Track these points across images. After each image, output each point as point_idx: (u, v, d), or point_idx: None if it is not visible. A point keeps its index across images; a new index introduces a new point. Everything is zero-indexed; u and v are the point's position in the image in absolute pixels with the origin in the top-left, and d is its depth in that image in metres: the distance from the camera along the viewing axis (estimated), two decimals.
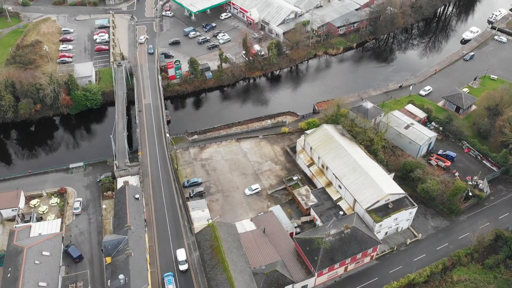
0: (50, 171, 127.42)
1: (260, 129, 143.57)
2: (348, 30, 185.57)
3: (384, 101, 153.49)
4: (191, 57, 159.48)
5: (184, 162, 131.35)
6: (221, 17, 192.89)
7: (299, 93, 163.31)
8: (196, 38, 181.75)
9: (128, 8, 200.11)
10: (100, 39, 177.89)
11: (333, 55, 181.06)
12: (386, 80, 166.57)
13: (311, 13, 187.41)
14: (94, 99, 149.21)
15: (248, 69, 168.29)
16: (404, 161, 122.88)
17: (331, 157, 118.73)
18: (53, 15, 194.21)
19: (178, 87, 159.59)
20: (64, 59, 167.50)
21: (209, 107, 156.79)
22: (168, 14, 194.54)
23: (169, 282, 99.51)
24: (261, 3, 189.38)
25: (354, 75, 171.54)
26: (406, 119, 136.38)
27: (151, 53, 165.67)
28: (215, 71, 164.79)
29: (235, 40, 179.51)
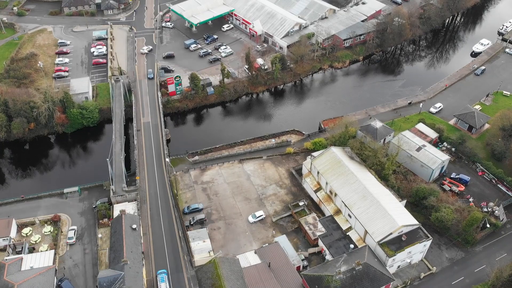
0: (43, 195, 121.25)
1: (264, 149, 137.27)
2: (354, 43, 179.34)
3: (393, 119, 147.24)
4: (192, 72, 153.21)
5: (184, 185, 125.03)
6: (223, 29, 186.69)
7: (304, 109, 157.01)
8: (197, 51, 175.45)
9: (127, 18, 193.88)
10: (98, 52, 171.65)
11: (338, 69, 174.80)
12: (394, 95, 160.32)
13: (316, 25, 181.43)
14: (91, 117, 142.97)
15: (251, 84, 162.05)
16: (416, 188, 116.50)
17: (340, 183, 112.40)
18: (49, 26, 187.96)
19: (178, 103, 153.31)
20: (60, 74, 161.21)
21: (211, 125, 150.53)
22: (168, 25, 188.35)
23: (162, 280, 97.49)
24: (264, 15, 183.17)
25: (361, 89, 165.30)
26: (418, 140, 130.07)
27: (151, 78, 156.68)
28: (217, 87, 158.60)
29: (237, 53, 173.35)
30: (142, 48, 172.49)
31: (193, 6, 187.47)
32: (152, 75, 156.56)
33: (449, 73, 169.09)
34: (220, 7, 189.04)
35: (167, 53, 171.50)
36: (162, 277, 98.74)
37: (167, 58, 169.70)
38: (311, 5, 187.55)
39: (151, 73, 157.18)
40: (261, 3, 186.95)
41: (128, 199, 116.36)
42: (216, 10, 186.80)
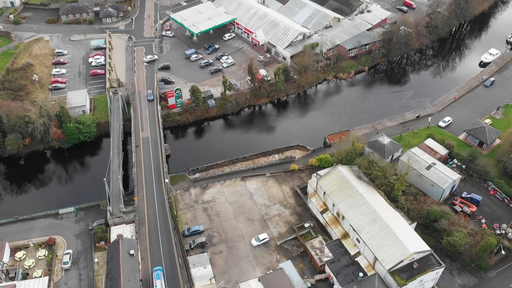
0: (38, 216, 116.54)
1: (267, 165, 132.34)
2: (360, 52, 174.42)
3: (401, 134, 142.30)
4: (193, 85, 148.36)
5: (185, 205, 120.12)
6: (225, 38, 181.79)
7: (308, 122, 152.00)
8: (198, 61, 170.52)
9: (126, 27, 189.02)
10: (96, 62, 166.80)
11: (343, 80, 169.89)
12: (402, 108, 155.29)
13: (320, 34, 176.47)
14: (88, 132, 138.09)
15: (253, 96, 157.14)
16: (427, 210, 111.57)
17: (347, 205, 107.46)
18: (46, 34, 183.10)
19: (178, 117, 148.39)
20: (56, 85, 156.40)
21: (212, 139, 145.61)
22: (169, 34, 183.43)
23: (157, 277, 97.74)
24: (266, 24, 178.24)
25: (367, 101, 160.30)
26: (427, 158, 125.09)
27: (150, 99, 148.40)
28: (219, 99, 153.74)
29: (239, 63, 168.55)
30: (146, 57, 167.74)
31: (194, 14, 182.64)
32: (152, 96, 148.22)
33: (458, 85, 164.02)
34: (222, 15, 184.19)
35: (162, 64, 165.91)
36: (157, 274, 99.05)
37: (163, 69, 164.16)
38: (315, 14, 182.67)
39: (151, 95, 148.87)
40: (264, 12, 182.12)
41: (126, 220, 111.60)
42: (218, 19, 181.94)
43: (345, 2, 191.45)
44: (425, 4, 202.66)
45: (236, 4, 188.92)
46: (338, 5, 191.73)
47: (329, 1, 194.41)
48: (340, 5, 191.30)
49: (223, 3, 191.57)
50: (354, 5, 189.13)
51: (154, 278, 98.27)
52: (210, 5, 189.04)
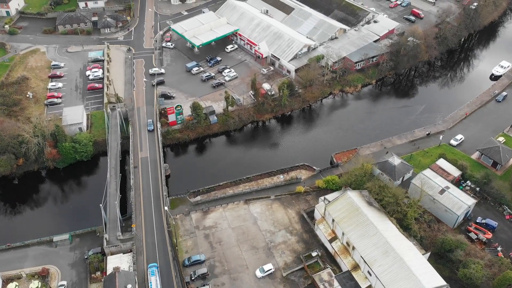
0: (31, 243, 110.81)
1: (271, 187, 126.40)
2: (367, 65, 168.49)
3: (411, 153, 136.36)
4: (194, 101, 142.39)
5: (185, 231, 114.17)
6: (227, 49, 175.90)
7: (314, 139, 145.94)
8: (199, 74, 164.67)
9: (125, 38, 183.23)
10: (93, 75, 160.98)
11: (350, 93, 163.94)
12: (411, 124, 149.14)
13: (326, 46, 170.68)
14: (85, 151, 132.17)
15: (257, 111, 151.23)
16: (442, 239, 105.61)
17: (358, 234, 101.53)
18: (42, 45, 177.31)
19: (179, 134, 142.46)
20: (52, 100, 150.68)
21: (214, 157, 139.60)
22: (169, 46, 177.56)
23: (152, 274, 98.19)
24: (270, 35, 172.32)
25: (375, 117, 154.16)
26: (440, 180, 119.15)
27: (151, 130, 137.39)
28: (221, 115, 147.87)
29: (242, 77, 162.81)
30: (154, 69, 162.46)
31: (195, 25, 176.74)
32: (152, 126, 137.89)
33: (469, 99, 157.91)
34: (224, 26, 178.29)
35: (157, 79, 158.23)
36: (152, 270, 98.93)
37: (159, 85, 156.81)
38: (320, 25, 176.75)
39: (151, 124, 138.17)
40: (267, 23, 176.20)
41: (123, 249, 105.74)
42: (220, 30, 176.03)
43: (351, 12, 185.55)
44: (433, 14, 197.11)
45: (238, 14, 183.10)
46: (343, 15, 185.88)
47: (334, 11, 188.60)
48: (345, 15, 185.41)
49: (225, 13, 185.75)
50: (360, 15, 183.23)
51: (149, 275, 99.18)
52: (211, 15, 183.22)
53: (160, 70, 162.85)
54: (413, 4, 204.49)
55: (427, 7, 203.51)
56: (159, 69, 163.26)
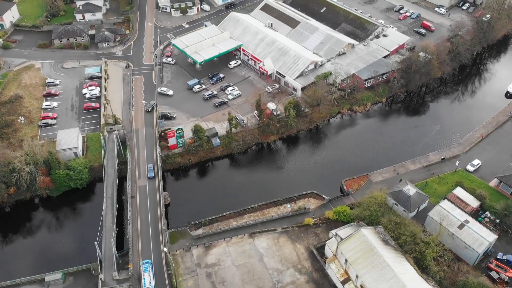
0: (22, 282, 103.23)
1: (278, 218, 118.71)
2: (376, 82, 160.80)
3: (426, 180, 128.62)
4: (195, 124, 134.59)
5: (185, 269, 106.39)
6: (230, 65, 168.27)
7: (322, 163, 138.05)
8: (201, 92, 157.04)
9: (124, 52, 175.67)
10: (90, 94, 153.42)
11: (359, 112, 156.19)
12: (425, 146, 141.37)
13: (333, 62, 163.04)
14: (80, 179, 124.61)
15: (261, 132, 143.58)
16: (463, 282, 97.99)
17: (373, 278, 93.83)
18: (37, 61, 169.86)
19: (179, 159, 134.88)
20: (46, 122, 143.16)
21: (216, 183, 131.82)
22: (170, 62, 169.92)
23: (146, 270, 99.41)
24: (275, 51, 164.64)
25: (386, 138, 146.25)
26: (459, 214, 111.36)
27: (151, 177, 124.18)
28: (224, 137, 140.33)
29: (246, 95, 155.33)
30: (160, 88, 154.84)
31: (197, 40, 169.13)
32: (153, 173, 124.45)
33: (484, 119, 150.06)
34: (227, 41, 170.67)
35: (151, 103, 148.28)
36: (146, 267, 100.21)
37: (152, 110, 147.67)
38: (327, 40, 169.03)
39: (151, 170, 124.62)
40: (272, 38, 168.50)
41: None
42: (222, 45, 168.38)
43: (359, 25, 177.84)
44: (445, 26, 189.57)
45: (242, 28, 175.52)
46: (351, 28, 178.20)
47: (341, 24, 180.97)
48: (353, 29, 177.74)
49: (228, 27, 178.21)
50: (369, 29, 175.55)
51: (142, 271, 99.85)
52: (214, 29, 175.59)
53: (169, 91, 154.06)
54: (423, 16, 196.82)
55: (437, 19, 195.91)
56: (167, 90, 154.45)
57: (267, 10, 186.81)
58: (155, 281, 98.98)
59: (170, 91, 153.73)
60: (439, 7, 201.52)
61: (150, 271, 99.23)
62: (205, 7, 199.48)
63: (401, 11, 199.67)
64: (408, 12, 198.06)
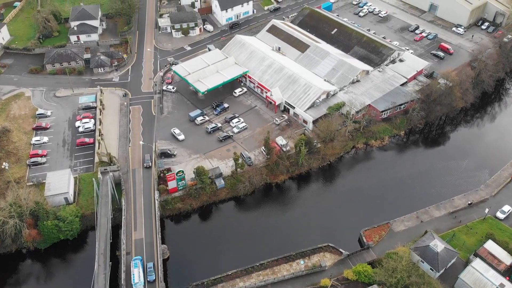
0: None
1: (290, 277, 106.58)
2: (394, 113, 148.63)
3: (453, 229, 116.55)
4: (198, 166, 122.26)
5: None
6: (235, 94, 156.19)
7: (337, 208, 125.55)
8: (204, 124, 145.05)
9: (121, 78, 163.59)
10: (84, 127, 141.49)
11: (375, 147, 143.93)
12: (449, 188, 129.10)
13: (347, 91, 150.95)
14: (70, 230, 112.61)
15: (270, 171, 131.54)
16: None
17: None
18: (28, 88, 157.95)
19: (180, 204, 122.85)
20: (36, 160, 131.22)
21: (220, 232, 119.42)
22: (170, 89, 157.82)
23: (135, 266, 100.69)
24: (284, 79, 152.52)
25: (406, 178, 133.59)
26: (493, 275, 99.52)
27: (152, 280, 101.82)
28: (229, 178, 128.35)
29: (252, 127, 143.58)
30: (173, 131, 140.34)
31: (199, 66, 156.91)
32: (154, 276, 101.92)
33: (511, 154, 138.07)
34: (232, 67, 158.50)
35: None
36: (135, 263, 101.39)
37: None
38: (339, 66, 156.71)
39: (152, 272, 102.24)
40: (280, 64, 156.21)
41: None
42: (227, 72, 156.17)
43: (374, 49, 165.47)
44: (464, 48, 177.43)
45: (247, 53, 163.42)
46: (365, 52, 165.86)
47: (354, 47, 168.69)
48: (367, 53, 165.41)
49: (233, 51, 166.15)
50: (384, 53, 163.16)
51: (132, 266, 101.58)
52: (218, 53, 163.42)
53: (180, 135, 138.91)
54: (440, 37, 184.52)
55: (456, 40, 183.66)
56: (179, 133, 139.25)
57: (274, 32, 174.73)
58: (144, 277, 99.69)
59: (181, 136, 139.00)
60: (457, 27, 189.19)
61: (139, 267, 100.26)
62: (208, 27, 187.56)
63: (417, 31, 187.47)
64: (425, 33, 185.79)
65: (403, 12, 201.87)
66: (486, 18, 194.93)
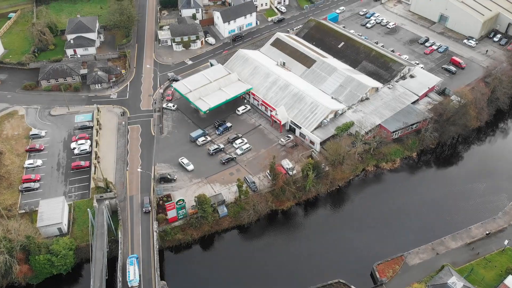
0: None
1: None
2: (405, 133, 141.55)
3: (471, 262, 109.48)
4: (199, 195, 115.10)
5: None
6: (238, 112, 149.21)
7: (347, 237, 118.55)
8: (206, 145, 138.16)
9: (119, 95, 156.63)
10: (79, 149, 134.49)
11: (386, 170, 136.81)
12: (466, 216, 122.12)
13: (355, 110, 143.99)
14: (63, 264, 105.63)
15: (275, 197, 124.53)
16: None
17: None
18: (21, 106, 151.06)
19: (180, 234, 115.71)
20: (29, 186, 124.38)
21: (223, 267, 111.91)
22: (170, 107, 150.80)
23: (131, 263, 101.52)
24: (289, 97, 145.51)
25: (419, 203, 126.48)
26: None
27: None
28: (232, 205, 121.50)
29: (256, 148, 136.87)
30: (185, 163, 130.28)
31: (201, 83, 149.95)
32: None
33: None
34: (235, 84, 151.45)
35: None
36: (131, 260, 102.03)
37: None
38: (347, 83, 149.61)
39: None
40: (285, 81, 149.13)
41: None
42: (230, 89, 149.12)
43: (383, 64, 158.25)
44: (476, 62, 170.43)
45: (251, 68, 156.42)
46: (374, 68, 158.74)
47: (362, 62, 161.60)
48: (376, 68, 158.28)
49: (236, 66, 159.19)
50: (394, 69, 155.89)
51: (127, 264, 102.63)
52: (220, 69, 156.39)
53: (189, 165, 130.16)
54: (451, 49, 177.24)
55: (467, 53, 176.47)
56: (188, 163, 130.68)
57: (278, 46, 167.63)
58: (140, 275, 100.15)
59: (190, 166, 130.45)
60: (468, 39, 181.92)
61: (135, 265, 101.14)
62: (210, 40, 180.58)
63: (427, 43, 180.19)
64: (435, 45, 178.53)
65: (411, 23, 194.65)
66: (498, 30, 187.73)
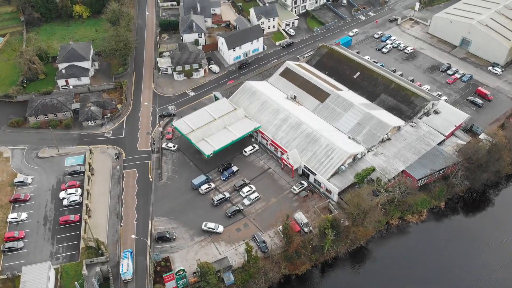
0: None
1: None
2: (431, 179, 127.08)
3: None
4: (201, 263, 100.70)
5: None
6: (245, 152, 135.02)
7: None
8: (209, 193, 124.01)
9: (114, 133, 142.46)
10: (69, 200, 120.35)
11: (413, 223, 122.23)
12: (507, 282, 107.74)
13: (375, 153, 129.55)
14: None
15: (288, 261, 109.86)
16: None
17: None
18: (7, 146, 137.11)
19: None
20: (11, 245, 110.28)
21: None
22: (171, 147, 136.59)
23: (125, 257, 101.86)
24: (301, 138, 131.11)
25: (452, 265, 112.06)
26: None
27: None
28: (239, 271, 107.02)
29: (266, 197, 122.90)
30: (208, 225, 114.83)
31: (204, 120, 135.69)
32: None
33: None
34: (241, 121, 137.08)
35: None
36: (125, 254, 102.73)
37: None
38: (365, 121, 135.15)
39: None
40: (297, 119, 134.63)
41: None
42: (236, 128, 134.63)
43: (404, 99, 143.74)
44: (504, 92, 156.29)
45: (259, 103, 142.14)
46: (394, 102, 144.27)
47: (381, 95, 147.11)
48: (397, 103, 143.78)
49: (242, 100, 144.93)
50: (417, 104, 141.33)
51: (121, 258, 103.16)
52: (225, 104, 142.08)
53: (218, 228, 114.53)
54: (475, 78, 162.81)
55: (493, 81, 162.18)
56: (217, 226, 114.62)
57: (288, 76, 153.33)
58: None
59: (219, 227, 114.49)
60: (493, 66, 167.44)
61: (129, 258, 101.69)
62: (214, 68, 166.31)
63: (449, 71, 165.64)
64: (458, 73, 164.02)
65: (431, 47, 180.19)
66: None
